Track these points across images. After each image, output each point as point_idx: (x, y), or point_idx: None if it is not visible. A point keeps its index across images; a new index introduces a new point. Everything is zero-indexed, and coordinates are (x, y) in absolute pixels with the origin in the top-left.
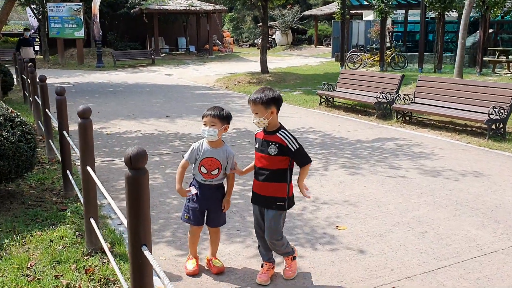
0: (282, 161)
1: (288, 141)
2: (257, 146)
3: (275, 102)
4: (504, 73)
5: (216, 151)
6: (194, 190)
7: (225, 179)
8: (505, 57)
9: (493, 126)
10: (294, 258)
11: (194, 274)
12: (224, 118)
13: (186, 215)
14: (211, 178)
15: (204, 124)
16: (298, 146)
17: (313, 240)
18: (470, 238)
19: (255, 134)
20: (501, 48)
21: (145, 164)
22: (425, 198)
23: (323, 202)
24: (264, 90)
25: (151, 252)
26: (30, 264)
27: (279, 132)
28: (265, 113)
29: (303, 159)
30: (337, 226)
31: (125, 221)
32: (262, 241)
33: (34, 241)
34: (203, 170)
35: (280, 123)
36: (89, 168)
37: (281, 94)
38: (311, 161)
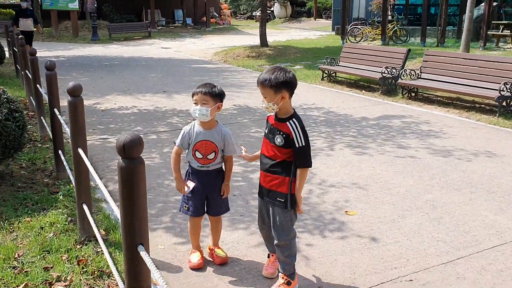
0: (288, 153)
1: (295, 133)
2: (266, 131)
3: (287, 86)
4: (508, 48)
5: (210, 133)
6: (191, 184)
7: (224, 163)
8: (509, 31)
9: (504, 103)
10: (289, 283)
11: (199, 268)
12: (216, 95)
13: (185, 206)
14: (207, 163)
15: (195, 103)
16: (304, 144)
17: (322, 226)
18: (489, 225)
19: (267, 117)
20: (505, 21)
21: (140, 152)
22: (438, 180)
23: (330, 185)
24: (275, 71)
25: (148, 252)
26: (18, 254)
27: (290, 121)
28: (274, 97)
29: (303, 160)
30: (346, 211)
31: (119, 213)
32: (264, 233)
33: (23, 228)
34: (198, 155)
35: (294, 110)
36: (80, 151)
37: (293, 75)
38: (310, 166)
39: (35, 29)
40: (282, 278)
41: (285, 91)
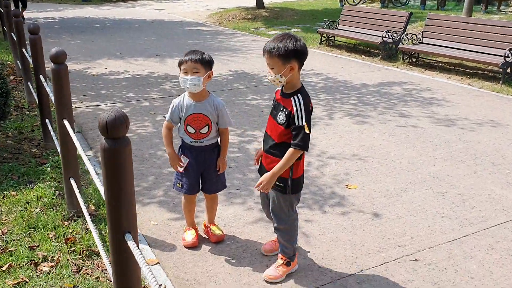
0: (289, 134)
1: (297, 110)
2: (272, 107)
3: (297, 55)
4: (509, 11)
5: (202, 105)
6: (185, 160)
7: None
8: None
9: (508, 70)
10: (288, 263)
11: (194, 247)
12: (207, 62)
13: (179, 183)
14: (201, 137)
15: (185, 73)
16: (303, 124)
17: (322, 201)
18: (495, 199)
19: (275, 92)
20: None
21: (126, 132)
22: (441, 151)
23: (330, 157)
24: (283, 38)
25: (137, 243)
26: (2, 232)
27: (295, 96)
28: (282, 68)
29: (298, 141)
30: (346, 185)
31: (97, 181)
32: (266, 211)
33: (7, 203)
34: (190, 129)
35: (302, 84)
36: (66, 122)
37: (304, 44)
38: (305, 150)
39: None
40: (281, 258)
41: (294, 61)
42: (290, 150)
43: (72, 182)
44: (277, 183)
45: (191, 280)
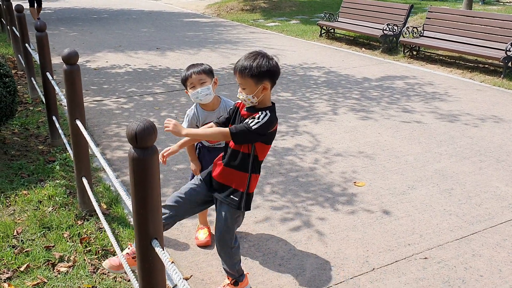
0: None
1: (260, 118)
2: (233, 121)
3: (270, 76)
4: (508, 2)
5: (216, 113)
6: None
7: None
8: None
9: (510, 64)
10: (236, 283)
11: (207, 245)
12: (209, 71)
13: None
14: (217, 141)
15: (192, 87)
16: (252, 128)
17: (331, 199)
18: (501, 196)
19: (236, 103)
20: None
21: (154, 141)
22: (446, 148)
23: (336, 153)
24: (256, 57)
25: (163, 247)
26: (17, 231)
27: (264, 110)
28: (255, 89)
29: (236, 128)
30: (354, 183)
31: (123, 193)
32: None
33: (20, 201)
34: None
35: (273, 103)
36: (78, 123)
37: (277, 63)
38: (232, 136)
39: None
40: (228, 278)
41: (267, 81)
42: (224, 129)
43: (85, 181)
44: (231, 196)
45: (206, 279)
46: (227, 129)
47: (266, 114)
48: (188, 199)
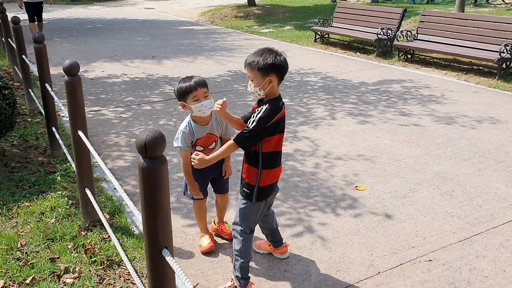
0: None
1: (255, 116)
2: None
3: (276, 70)
4: (498, 4)
5: (210, 126)
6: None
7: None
8: None
9: (504, 65)
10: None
11: (211, 251)
12: (207, 84)
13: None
14: (209, 152)
15: (196, 100)
16: (250, 127)
17: (333, 203)
18: (501, 197)
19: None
20: None
21: (163, 151)
22: (444, 150)
23: (337, 157)
24: (263, 52)
25: (173, 256)
26: (21, 244)
27: (264, 105)
28: (261, 81)
29: (240, 137)
30: (356, 187)
31: (129, 203)
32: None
33: (22, 213)
34: (199, 148)
35: (280, 96)
36: (81, 133)
37: (285, 59)
38: (241, 147)
39: (48, 0)
40: (231, 280)
41: (273, 75)
42: (229, 142)
43: (88, 192)
44: (244, 188)
45: (212, 287)
46: (231, 141)
47: (265, 109)
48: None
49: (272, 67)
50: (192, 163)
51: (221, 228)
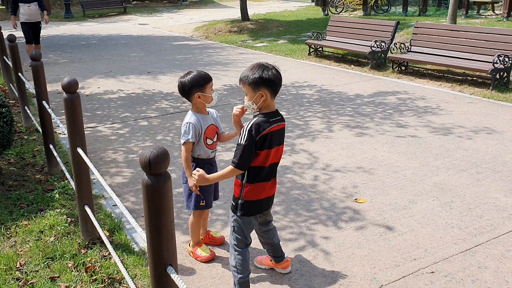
0: None
1: (243, 130)
2: None
3: (266, 84)
4: (489, 15)
5: (210, 116)
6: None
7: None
8: None
9: (497, 76)
10: None
11: (213, 258)
12: None
13: (202, 202)
14: (215, 146)
15: (212, 90)
16: (241, 143)
17: (334, 216)
18: (501, 207)
19: None
20: None
21: (167, 167)
22: (442, 161)
23: (335, 170)
24: (253, 67)
25: (177, 272)
26: (20, 263)
27: (254, 118)
28: (253, 95)
29: (234, 158)
30: (356, 199)
31: (132, 220)
32: (262, 244)
33: (21, 232)
34: (209, 141)
35: (276, 109)
36: (80, 151)
37: (276, 73)
38: (238, 168)
39: (43, 18)
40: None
41: (264, 88)
42: (229, 166)
43: (87, 209)
44: (232, 201)
45: None
46: (230, 166)
47: (250, 122)
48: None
49: (261, 81)
50: (193, 178)
51: (209, 236)
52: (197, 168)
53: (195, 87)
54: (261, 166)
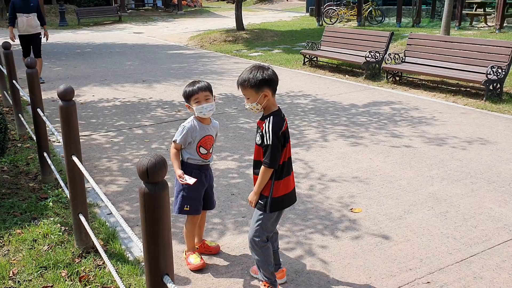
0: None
1: (266, 131)
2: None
3: (268, 83)
4: (481, 27)
5: (211, 127)
6: (192, 180)
7: None
8: (482, 10)
9: (491, 87)
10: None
11: (203, 268)
12: (211, 89)
13: (186, 207)
14: (209, 157)
15: (197, 102)
16: (270, 143)
17: (331, 226)
18: (496, 218)
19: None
20: (479, 0)
21: (165, 175)
22: (437, 171)
23: (331, 179)
24: (252, 70)
25: (174, 282)
26: (13, 272)
27: (269, 118)
28: (257, 97)
29: (266, 159)
30: (351, 209)
31: (127, 229)
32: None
33: (14, 241)
34: (203, 151)
35: (278, 107)
36: (75, 158)
37: (273, 72)
38: (272, 167)
39: (42, 31)
40: (264, 285)
41: (266, 88)
42: (261, 167)
43: (82, 218)
44: (259, 200)
45: None
46: (262, 167)
47: (269, 121)
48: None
49: (263, 81)
50: (249, 203)
51: (204, 246)
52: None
53: (185, 98)
54: (284, 161)
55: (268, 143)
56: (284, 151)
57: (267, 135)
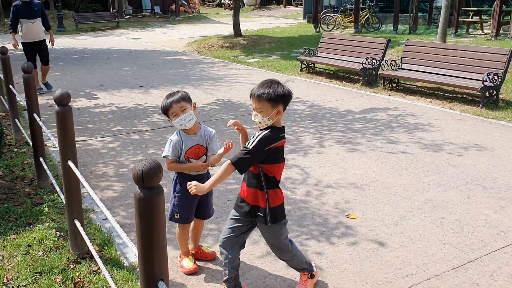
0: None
1: (255, 137)
2: None
3: (284, 100)
4: (478, 34)
5: (199, 137)
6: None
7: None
8: (478, 17)
9: (487, 94)
10: (311, 276)
11: (195, 272)
12: (188, 97)
13: (176, 215)
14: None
15: (175, 115)
16: (248, 148)
17: (327, 232)
18: (492, 224)
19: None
20: (475, 8)
21: (160, 180)
22: (433, 177)
23: (327, 185)
24: (271, 84)
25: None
26: (7, 278)
27: (267, 129)
28: (270, 112)
29: (236, 156)
30: (348, 215)
31: (123, 234)
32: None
33: (8, 246)
34: (191, 161)
35: (283, 126)
36: (71, 164)
37: (290, 89)
38: (236, 168)
39: (48, 36)
40: (304, 274)
41: (281, 105)
42: (227, 161)
43: (77, 223)
44: (258, 213)
45: None
46: (228, 161)
47: (264, 133)
48: (238, 232)
49: (282, 98)
50: (190, 190)
51: (200, 252)
52: (190, 182)
53: (163, 113)
54: (276, 176)
55: (248, 147)
56: (282, 168)
57: (253, 140)
